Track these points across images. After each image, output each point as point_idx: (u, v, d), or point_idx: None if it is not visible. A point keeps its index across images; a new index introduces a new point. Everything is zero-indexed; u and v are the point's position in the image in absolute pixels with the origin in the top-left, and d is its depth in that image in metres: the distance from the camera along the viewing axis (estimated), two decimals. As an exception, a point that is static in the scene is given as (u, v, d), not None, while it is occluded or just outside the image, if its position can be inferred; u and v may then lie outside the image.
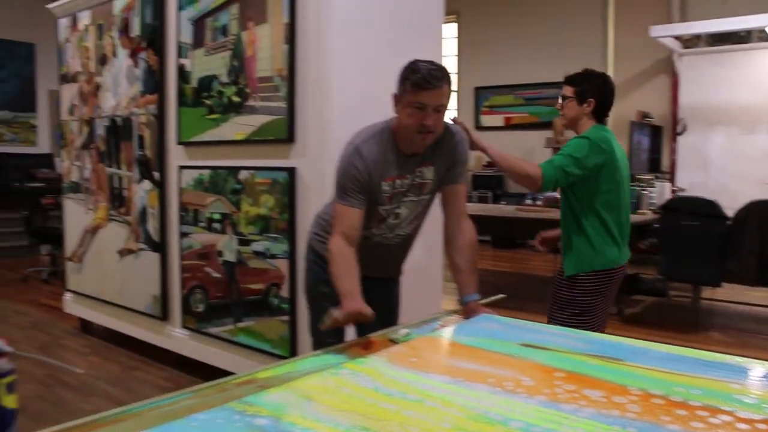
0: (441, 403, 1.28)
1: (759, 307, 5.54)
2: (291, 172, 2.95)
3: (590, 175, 2.53)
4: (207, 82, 3.34)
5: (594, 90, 2.62)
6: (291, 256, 2.98)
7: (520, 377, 1.42)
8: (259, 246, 3.13)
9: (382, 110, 2.17)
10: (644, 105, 8.34)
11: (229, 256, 3.28)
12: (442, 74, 1.92)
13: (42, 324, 4.80)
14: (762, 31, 7.37)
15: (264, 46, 3.03)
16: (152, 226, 3.75)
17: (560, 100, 2.69)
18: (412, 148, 2.04)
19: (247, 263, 3.19)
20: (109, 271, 4.12)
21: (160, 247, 3.70)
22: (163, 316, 3.73)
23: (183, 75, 3.48)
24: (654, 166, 7.83)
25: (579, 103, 2.63)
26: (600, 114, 2.65)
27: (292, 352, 3.01)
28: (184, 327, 3.61)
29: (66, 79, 4.46)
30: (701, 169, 7.70)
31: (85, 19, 4.21)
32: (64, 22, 4.43)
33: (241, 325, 3.26)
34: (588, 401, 1.27)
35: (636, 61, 8.55)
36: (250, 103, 3.11)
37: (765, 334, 4.97)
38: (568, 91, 2.66)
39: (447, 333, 1.89)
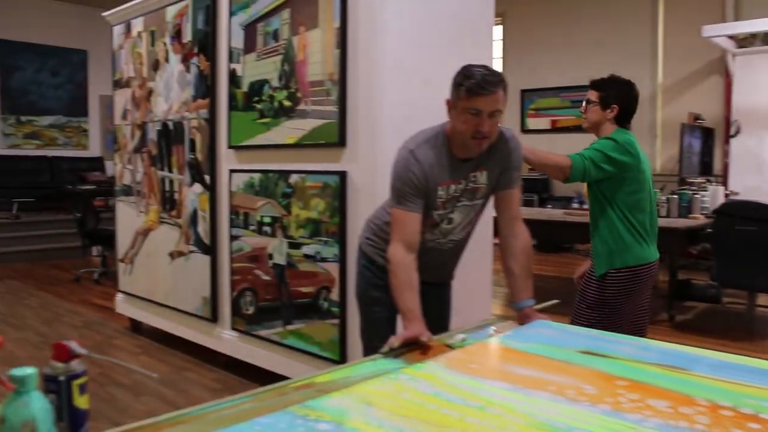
0: (503, 411, 1.25)
1: (818, 315, 5.34)
2: (342, 175, 2.96)
3: (617, 174, 2.57)
4: (258, 87, 3.37)
5: (619, 96, 2.63)
6: (341, 259, 2.98)
7: (581, 385, 1.39)
8: (309, 249, 3.14)
9: (434, 114, 2.17)
10: (696, 107, 8.14)
11: (279, 259, 3.30)
12: (497, 79, 1.90)
13: (94, 323, 4.92)
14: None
15: (315, 50, 3.05)
16: (203, 228, 3.80)
17: (584, 104, 2.70)
18: (466, 153, 2.03)
19: (297, 266, 3.21)
20: (159, 273, 4.20)
21: (210, 249, 3.75)
22: (213, 317, 3.77)
23: (234, 80, 3.52)
24: (706, 169, 7.63)
25: (603, 108, 2.63)
26: (623, 120, 2.66)
27: (342, 355, 3.02)
28: (234, 329, 3.65)
29: (119, 84, 4.57)
30: (755, 172, 7.45)
31: (138, 25, 4.30)
32: (118, 30, 4.54)
33: (290, 327, 3.28)
34: (653, 411, 1.24)
35: (687, 62, 8.35)
36: (301, 107, 3.13)
37: (826, 344, 4.79)
38: (592, 95, 2.67)
39: (503, 339, 1.86)
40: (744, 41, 7.77)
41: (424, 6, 3.02)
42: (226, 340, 3.73)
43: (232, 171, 3.57)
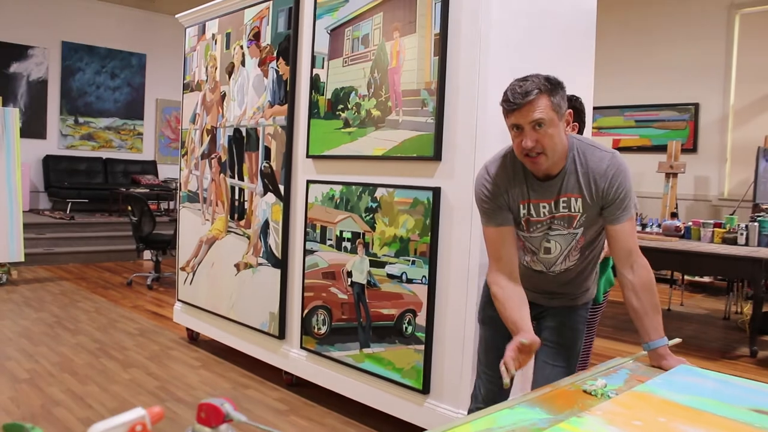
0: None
1: None
2: (435, 192, 2.75)
3: None
4: (343, 94, 3.20)
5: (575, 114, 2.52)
6: (431, 281, 2.77)
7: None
8: (394, 269, 2.94)
9: None
10: (768, 130, 7.76)
11: (359, 278, 3.10)
12: (530, 88, 1.75)
13: (149, 332, 4.79)
14: None
15: (410, 57, 2.86)
16: (274, 240, 3.63)
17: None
18: (538, 172, 1.89)
19: (379, 286, 3.00)
20: (223, 284, 4.04)
21: (281, 263, 3.58)
22: (280, 334, 3.59)
23: (316, 86, 3.35)
24: (778, 195, 7.23)
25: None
26: None
27: (426, 384, 2.80)
28: (303, 348, 3.45)
29: (189, 87, 4.45)
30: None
31: (213, 28, 4.17)
32: (191, 31, 4.42)
33: (367, 350, 3.07)
34: None
35: (761, 84, 7.97)
36: (393, 117, 2.93)
37: None
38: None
39: (656, 389, 1.62)
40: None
41: (530, 20, 2.81)
42: (293, 358, 3.53)
43: (310, 182, 3.39)
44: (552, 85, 1.79)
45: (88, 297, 5.93)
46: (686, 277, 7.29)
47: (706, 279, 7.64)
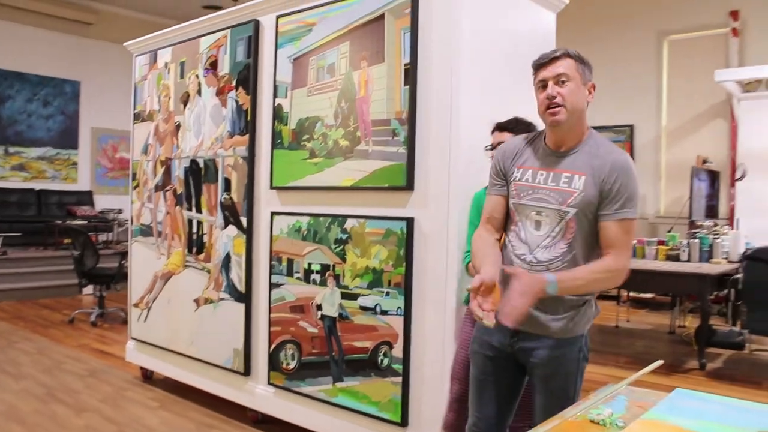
0: None
1: None
2: (409, 222, 2.73)
3: None
4: (308, 124, 3.15)
5: None
6: (406, 312, 2.74)
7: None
8: (367, 301, 2.90)
9: None
10: (700, 149, 8.13)
11: (330, 311, 3.04)
12: (557, 49, 1.94)
13: (99, 372, 4.56)
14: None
15: (379, 87, 2.85)
16: (236, 274, 3.53)
17: (491, 148, 2.49)
18: (555, 142, 1.99)
19: (352, 319, 2.95)
20: (181, 321, 3.89)
21: (245, 297, 3.47)
22: (246, 371, 3.48)
23: (279, 116, 3.30)
24: (712, 212, 7.58)
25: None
26: None
27: (404, 416, 2.76)
28: (270, 384, 3.35)
29: (140, 117, 4.30)
30: (761, 215, 7.41)
31: (165, 56, 4.06)
32: (141, 60, 4.29)
33: (341, 385, 3.00)
34: None
35: (691, 106, 8.37)
36: (362, 147, 2.91)
37: None
38: (504, 137, 2.44)
39: (662, 415, 1.63)
40: (749, 86, 7.81)
41: (498, 47, 2.86)
42: (260, 395, 3.43)
43: (275, 213, 3.32)
44: (580, 56, 1.95)
45: (27, 337, 5.62)
46: (630, 293, 7.51)
47: (649, 295, 7.88)
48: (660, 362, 2.16)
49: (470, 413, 2.18)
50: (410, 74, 2.73)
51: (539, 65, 1.96)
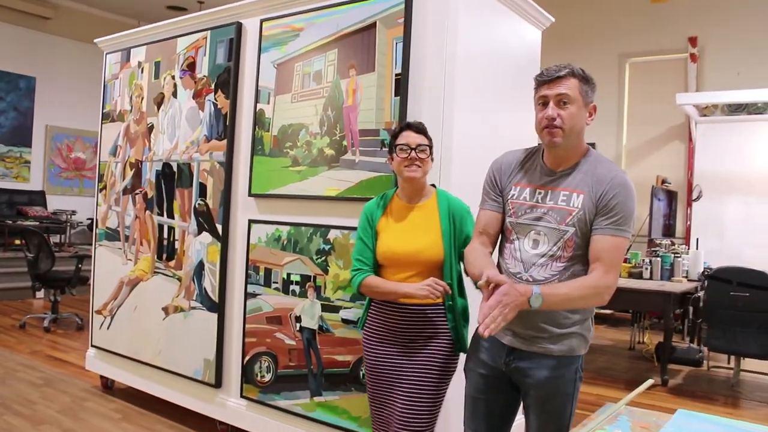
0: None
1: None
2: (396, 234, 2.69)
3: None
4: (292, 131, 3.08)
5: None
6: (391, 327, 2.69)
7: None
8: (349, 313, 2.83)
9: None
10: (659, 170, 8.33)
11: (309, 323, 2.97)
12: (563, 67, 1.88)
13: (56, 381, 4.36)
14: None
15: (368, 96, 2.80)
16: (210, 283, 3.42)
17: (415, 152, 2.26)
18: (553, 161, 1.95)
19: (333, 332, 2.88)
20: (148, 329, 3.75)
21: (218, 307, 3.37)
22: (217, 383, 3.37)
23: (261, 121, 3.22)
24: (668, 231, 7.76)
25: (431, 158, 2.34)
26: None
27: (385, 434, 2.69)
28: (243, 397, 3.25)
29: (110, 117, 4.15)
30: (717, 235, 7.64)
31: (139, 55, 3.93)
32: (112, 58, 4.14)
33: (319, 399, 2.93)
34: None
35: (651, 127, 8.58)
36: (348, 156, 2.86)
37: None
38: (424, 140, 2.30)
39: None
40: (706, 110, 8.05)
41: (491, 61, 2.85)
42: (231, 408, 3.32)
43: (253, 221, 3.23)
44: (585, 75, 1.90)
45: (-25, 343, 5.35)
46: (590, 308, 7.59)
47: (608, 311, 8.01)
48: (651, 381, 2.17)
49: (464, 430, 2.14)
50: (402, 84, 2.69)
51: (543, 82, 1.91)
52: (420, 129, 2.32)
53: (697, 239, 6.95)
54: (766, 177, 7.43)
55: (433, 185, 2.43)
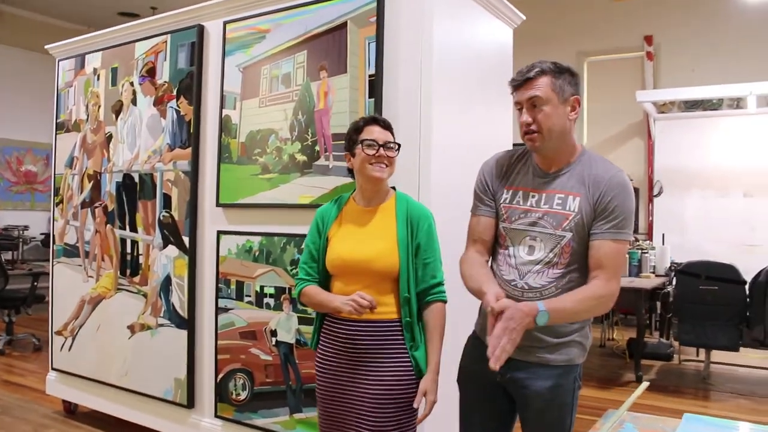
0: None
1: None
2: (375, 241, 2.58)
3: None
4: (261, 137, 2.96)
5: None
6: (373, 338, 2.58)
7: None
8: (328, 325, 2.71)
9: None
10: (620, 167, 8.36)
11: (286, 337, 2.84)
12: (532, 68, 1.81)
13: (14, 408, 4.13)
14: (734, 98, 7.61)
15: (341, 98, 2.70)
16: (178, 298, 3.26)
17: (383, 149, 2.05)
18: (544, 162, 1.89)
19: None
20: (113, 349, 3.57)
21: (187, 323, 3.21)
22: (189, 403, 3.21)
23: (227, 128, 3.08)
24: (633, 227, 7.84)
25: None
26: None
27: (370, 450, 2.59)
28: (218, 416, 3.11)
29: (64, 127, 3.94)
30: (677, 230, 7.74)
31: (94, 61, 3.74)
32: (65, 65, 3.94)
33: (299, 415, 2.81)
34: None
35: (611, 125, 8.67)
36: (321, 162, 2.74)
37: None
38: (391, 138, 2.11)
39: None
40: (663, 107, 8.17)
41: (465, 58, 2.78)
42: (205, 429, 3.16)
43: (221, 232, 3.09)
44: (557, 68, 1.80)
45: (-77, 369, 5.05)
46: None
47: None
48: (647, 384, 2.11)
49: None
50: (376, 85, 2.59)
51: (515, 86, 1.84)
52: (387, 125, 2.11)
53: (663, 235, 7.01)
54: (723, 172, 7.55)
55: (393, 188, 2.19)
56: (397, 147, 2.10)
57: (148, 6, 8.59)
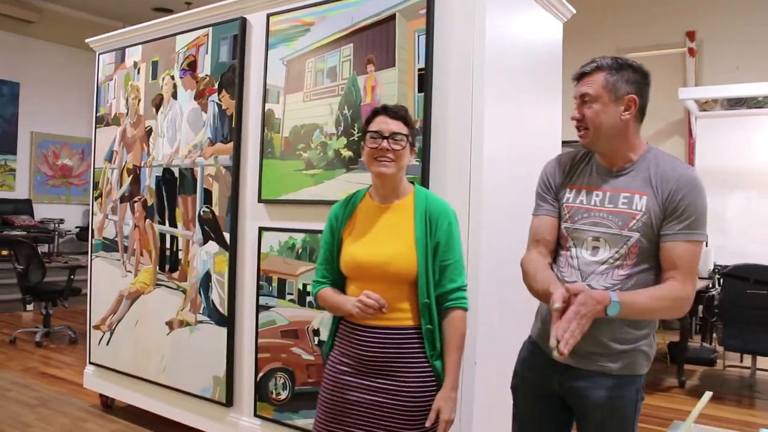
0: None
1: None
2: (423, 240, 2.50)
3: None
4: (305, 132, 2.89)
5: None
6: (420, 340, 2.50)
7: None
8: (373, 326, 2.64)
9: (537, 169, 1.97)
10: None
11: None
12: (590, 62, 1.77)
13: (52, 401, 4.14)
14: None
15: (389, 93, 2.62)
16: (218, 295, 3.22)
17: (388, 142, 1.91)
18: (607, 160, 1.81)
19: (355, 345, 2.69)
20: (151, 345, 3.54)
21: (227, 320, 3.17)
22: (228, 401, 3.17)
23: (270, 122, 3.03)
24: (672, 228, 7.66)
25: (411, 149, 2.00)
26: None
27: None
28: (257, 416, 3.06)
29: (104, 121, 3.93)
30: (719, 231, 7.54)
31: (135, 55, 3.72)
32: (105, 58, 3.92)
33: (341, 418, 2.74)
34: None
35: (650, 122, 8.43)
36: (368, 158, 2.67)
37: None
38: (403, 128, 1.94)
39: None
40: (705, 105, 7.96)
41: (516, 52, 2.69)
42: (244, 428, 3.12)
43: (263, 229, 3.04)
44: (616, 65, 1.74)
45: (-36, 360, 5.11)
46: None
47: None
48: (710, 394, 2.00)
49: None
50: (426, 80, 2.51)
51: (574, 79, 1.82)
52: (398, 114, 1.94)
53: (707, 236, 6.81)
54: (766, 172, 7.34)
55: (412, 182, 2.06)
56: (407, 139, 1.93)
57: (182, 1, 8.61)
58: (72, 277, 5.75)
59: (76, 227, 9.49)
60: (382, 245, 1.92)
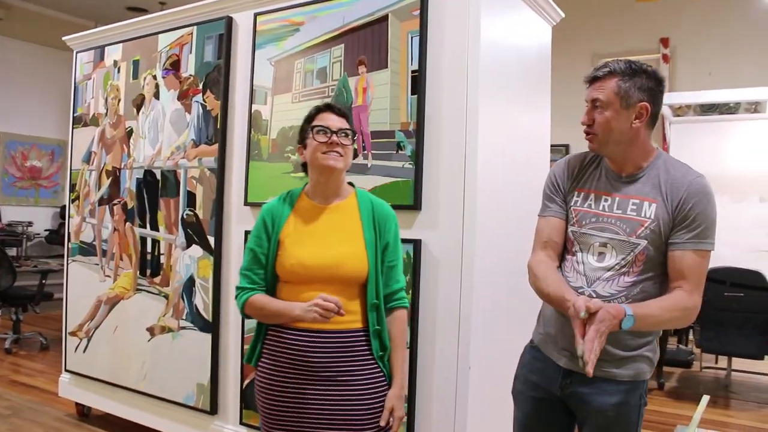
0: None
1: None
2: (415, 244, 2.47)
3: None
4: (293, 134, 2.83)
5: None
6: (412, 342, 2.47)
7: None
8: (364, 331, 2.60)
9: (533, 175, 2.08)
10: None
11: (318, 342, 2.72)
12: (602, 66, 1.73)
13: (25, 410, 4.00)
14: (751, 102, 7.52)
15: (381, 95, 2.58)
16: (202, 300, 3.14)
17: (335, 136, 1.94)
18: (617, 165, 1.78)
19: (346, 351, 2.64)
20: (131, 352, 3.45)
21: (211, 326, 3.09)
22: (212, 409, 3.09)
23: (257, 124, 2.97)
24: (649, 231, 7.74)
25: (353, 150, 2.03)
26: None
27: (407, 461, 2.48)
28: (243, 424, 2.99)
29: (82, 121, 3.82)
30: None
31: (115, 54, 3.62)
32: (83, 57, 3.82)
33: (331, 426, 2.68)
34: None
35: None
36: (360, 161, 2.63)
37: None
38: (347, 125, 2.01)
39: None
40: (679, 110, 8.07)
41: (508, 54, 2.67)
42: (229, 437, 3.05)
43: (249, 232, 2.97)
44: (630, 70, 1.70)
45: (-71, 368, 4.93)
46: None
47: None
48: (707, 398, 2.00)
49: None
50: (419, 82, 2.48)
51: (586, 82, 1.80)
52: (342, 112, 1.97)
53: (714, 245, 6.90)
54: (739, 177, 7.45)
55: (351, 183, 2.06)
56: (352, 135, 1.95)
57: (156, 1, 8.46)
58: (43, 281, 5.59)
59: (46, 230, 9.27)
60: (329, 247, 1.89)
